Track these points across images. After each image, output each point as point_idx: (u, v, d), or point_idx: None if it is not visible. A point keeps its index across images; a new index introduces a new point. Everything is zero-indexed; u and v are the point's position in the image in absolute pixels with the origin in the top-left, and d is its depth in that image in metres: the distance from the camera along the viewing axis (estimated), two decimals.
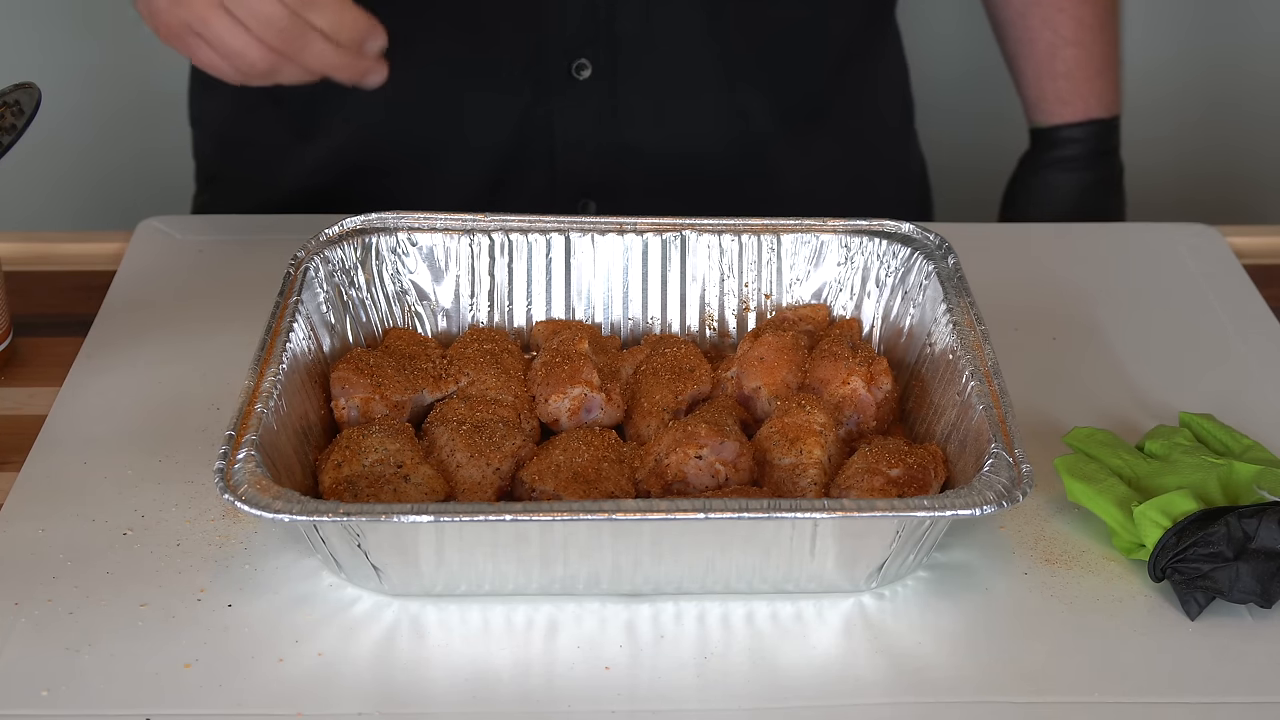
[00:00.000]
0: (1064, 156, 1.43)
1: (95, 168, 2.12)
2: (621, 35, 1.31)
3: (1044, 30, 1.41)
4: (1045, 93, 1.43)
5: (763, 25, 1.34)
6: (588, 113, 1.33)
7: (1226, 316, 1.19)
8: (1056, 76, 1.41)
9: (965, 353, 0.96)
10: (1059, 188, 1.44)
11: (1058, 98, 1.42)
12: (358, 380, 0.98)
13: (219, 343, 1.12)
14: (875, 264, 1.08)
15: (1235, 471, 0.95)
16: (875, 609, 0.90)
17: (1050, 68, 1.42)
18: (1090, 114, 1.42)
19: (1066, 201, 1.43)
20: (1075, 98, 1.42)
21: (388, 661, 0.87)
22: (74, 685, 0.85)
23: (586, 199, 1.36)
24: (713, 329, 1.10)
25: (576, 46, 1.31)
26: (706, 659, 0.87)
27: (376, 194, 1.32)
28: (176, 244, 1.26)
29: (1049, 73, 1.42)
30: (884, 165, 1.46)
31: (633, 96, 1.33)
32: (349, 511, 0.83)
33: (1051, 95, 1.42)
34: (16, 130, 1.09)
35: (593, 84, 1.32)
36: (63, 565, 0.92)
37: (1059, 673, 0.87)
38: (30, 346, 1.13)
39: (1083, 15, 1.41)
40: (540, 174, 1.35)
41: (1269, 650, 0.88)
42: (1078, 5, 1.41)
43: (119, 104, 2.10)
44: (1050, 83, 1.42)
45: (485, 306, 1.09)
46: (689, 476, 0.93)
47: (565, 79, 1.31)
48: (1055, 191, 1.44)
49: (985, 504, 0.85)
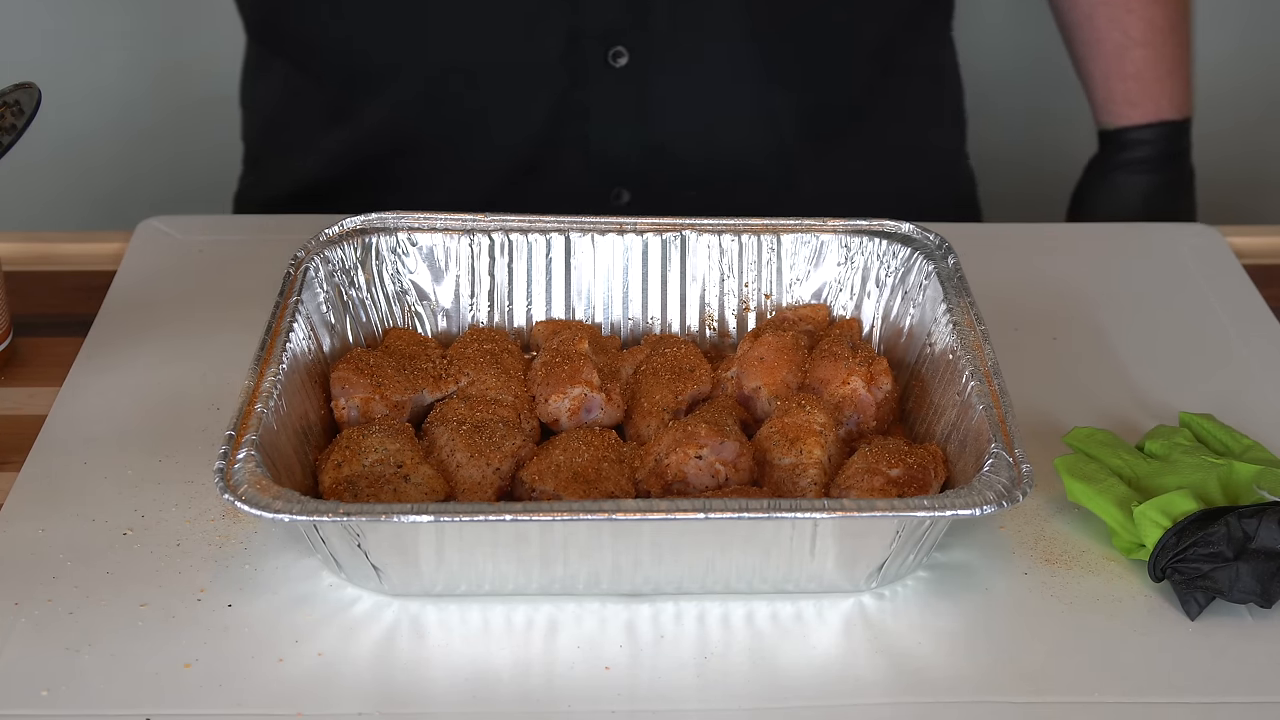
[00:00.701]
0: (1133, 159, 1.41)
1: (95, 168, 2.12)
2: (658, 23, 1.30)
3: (1112, 31, 1.40)
4: (1114, 94, 1.41)
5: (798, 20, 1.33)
6: (623, 101, 1.33)
7: (1227, 317, 1.18)
8: (1125, 78, 1.40)
9: (965, 353, 0.96)
10: (1127, 190, 1.42)
11: (1126, 99, 1.41)
12: (358, 380, 0.98)
13: (219, 343, 1.12)
14: (875, 264, 1.08)
15: (1235, 471, 0.95)
16: (875, 609, 0.90)
17: (1119, 69, 1.40)
18: (1160, 115, 1.40)
19: (1135, 204, 1.42)
20: (1144, 99, 1.40)
21: (388, 661, 0.87)
22: (74, 685, 0.85)
23: (620, 188, 1.36)
24: (713, 329, 1.10)
25: (614, 34, 1.31)
26: (706, 659, 0.87)
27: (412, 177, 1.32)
28: (176, 244, 1.26)
29: (1117, 74, 1.40)
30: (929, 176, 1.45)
31: (668, 86, 1.33)
32: (349, 511, 0.83)
33: (1120, 97, 1.41)
34: (16, 130, 1.09)
35: (629, 72, 1.31)
36: (63, 565, 0.92)
37: (1059, 673, 0.87)
38: (30, 346, 1.13)
39: (1153, 16, 1.39)
40: (575, 161, 1.35)
41: (1269, 650, 0.88)
42: (1147, 6, 1.39)
43: (119, 104, 2.10)
44: (1119, 84, 1.41)
45: (485, 306, 1.09)
46: (689, 476, 0.93)
47: (601, 66, 1.31)
48: (1124, 194, 1.42)
49: (985, 504, 0.85)
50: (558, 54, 1.31)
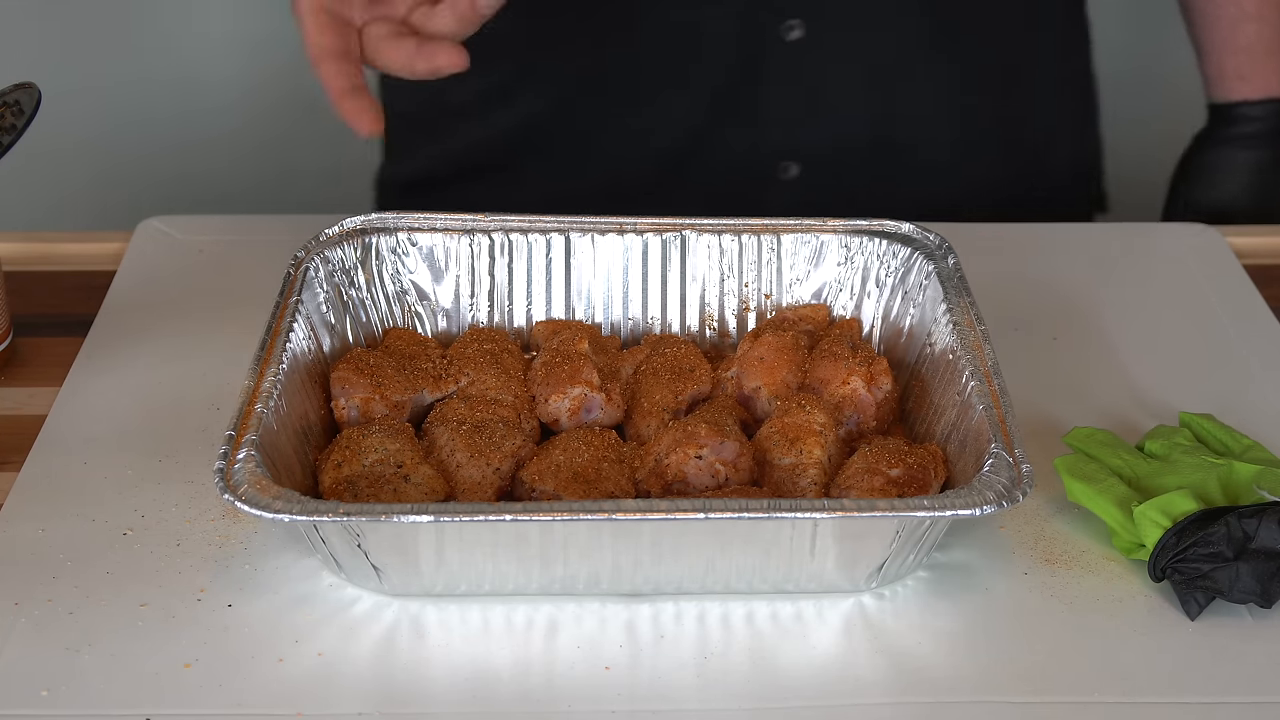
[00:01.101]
0: (1241, 134, 1.41)
1: (95, 168, 2.12)
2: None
3: (1228, 5, 1.40)
4: (1225, 68, 1.41)
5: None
6: (796, 75, 1.34)
7: (1226, 317, 1.18)
8: (1238, 51, 1.40)
9: (965, 353, 0.96)
10: (1233, 165, 1.42)
11: (1237, 74, 1.40)
12: (358, 380, 0.98)
13: (219, 343, 1.12)
14: (875, 264, 1.08)
15: (1235, 471, 0.95)
16: (875, 609, 0.90)
17: (1232, 42, 1.40)
18: (1270, 92, 1.40)
19: (1240, 179, 1.42)
20: (1255, 74, 1.40)
21: (388, 661, 0.87)
22: (74, 685, 0.85)
23: (789, 161, 1.37)
24: (713, 329, 1.10)
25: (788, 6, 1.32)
26: (706, 659, 0.87)
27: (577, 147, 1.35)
28: (176, 244, 1.26)
29: (1230, 47, 1.40)
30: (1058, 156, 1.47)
31: (841, 59, 1.34)
32: (349, 511, 0.83)
33: (1231, 71, 1.41)
34: (16, 130, 1.09)
35: (803, 45, 1.32)
36: (63, 565, 0.92)
37: (1059, 673, 0.87)
38: (30, 346, 1.13)
39: None
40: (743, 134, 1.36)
41: (1269, 650, 0.88)
42: None
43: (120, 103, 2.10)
44: (1231, 58, 1.40)
45: (485, 306, 1.09)
46: (689, 476, 0.93)
47: (775, 40, 1.32)
48: (1229, 168, 1.42)
49: (985, 504, 0.85)
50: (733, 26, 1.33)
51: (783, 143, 1.37)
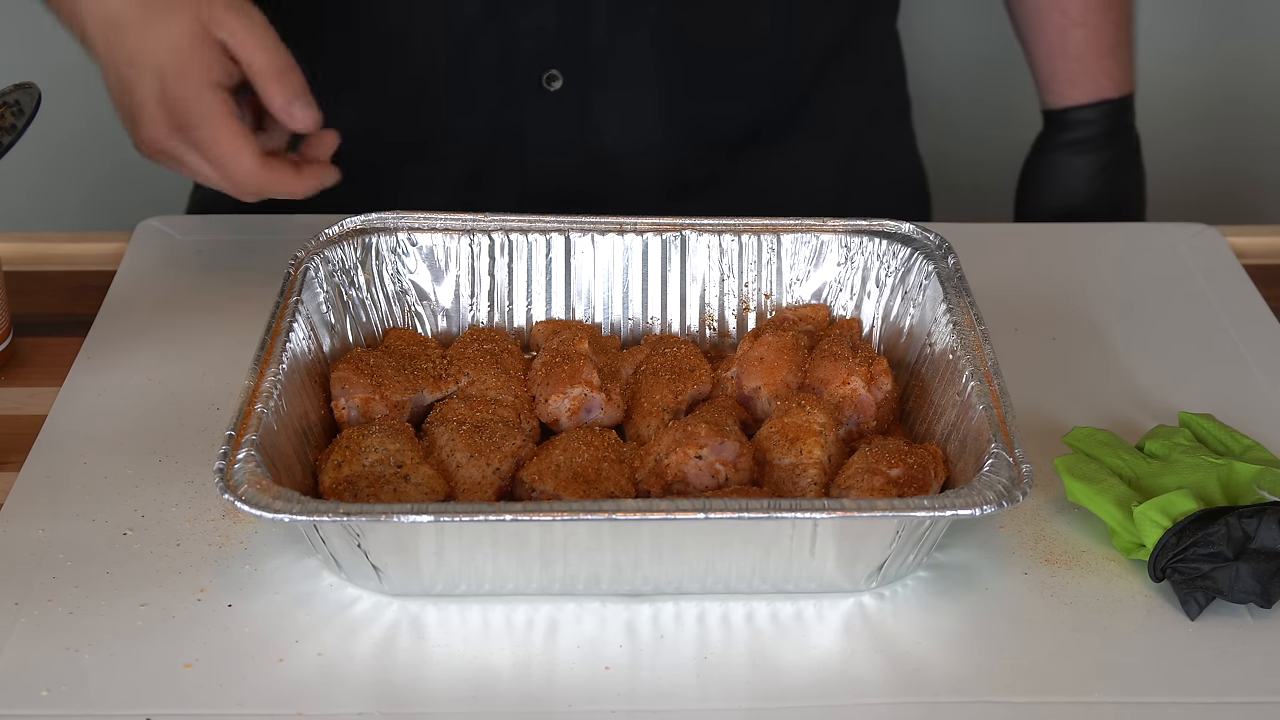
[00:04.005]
0: (1076, 138, 1.42)
1: (95, 168, 2.11)
2: (592, 47, 1.30)
3: (1053, 12, 1.41)
4: (1056, 74, 1.42)
5: (730, 34, 1.34)
6: (560, 124, 1.33)
7: (1226, 316, 1.18)
8: (1067, 58, 1.41)
9: (965, 353, 0.96)
10: (1071, 169, 1.43)
11: (1068, 79, 1.42)
12: (358, 380, 0.98)
13: (219, 343, 1.12)
14: (875, 264, 1.08)
15: (1235, 471, 0.95)
16: (875, 609, 0.90)
17: (1060, 49, 1.41)
18: (1101, 94, 1.41)
19: (1079, 181, 1.43)
20: (1084, 79, 1.41)
21: (388, 661, 0.87)
22: (74, 685, 0.85)
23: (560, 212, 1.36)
24: (713, 329, 1.10)
25: (548, 57, 1.31)
26: (706, 659, 0.87)
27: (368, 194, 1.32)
28: (176, 244, 1.26)
29: (1059, 54, 1.41)
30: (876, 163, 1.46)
31: (604, 107, 1.33)
32: (349, 511, 0.83)
33: (1062, 77, 1.42)
34: (16, 130, 1.09)
35: (564, 94, 1.31)
36: (63, 565, 0.92)
37: (1059, 673, 0.87)
38: (30, 346, 1.13)
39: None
40: (513, 183, 1.35)
41: (1269, 650, 0.88)
42: None
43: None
44: (1061, 64, 1.41)
45: (485, 306, 1.09)
46: (689, 476, 0.93)
47: (537, 90, 1.31)
48: (1068, 173, 1.43)
49: (985, 504, 0.85)
50: (494, 78, 1.31)
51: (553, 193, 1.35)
